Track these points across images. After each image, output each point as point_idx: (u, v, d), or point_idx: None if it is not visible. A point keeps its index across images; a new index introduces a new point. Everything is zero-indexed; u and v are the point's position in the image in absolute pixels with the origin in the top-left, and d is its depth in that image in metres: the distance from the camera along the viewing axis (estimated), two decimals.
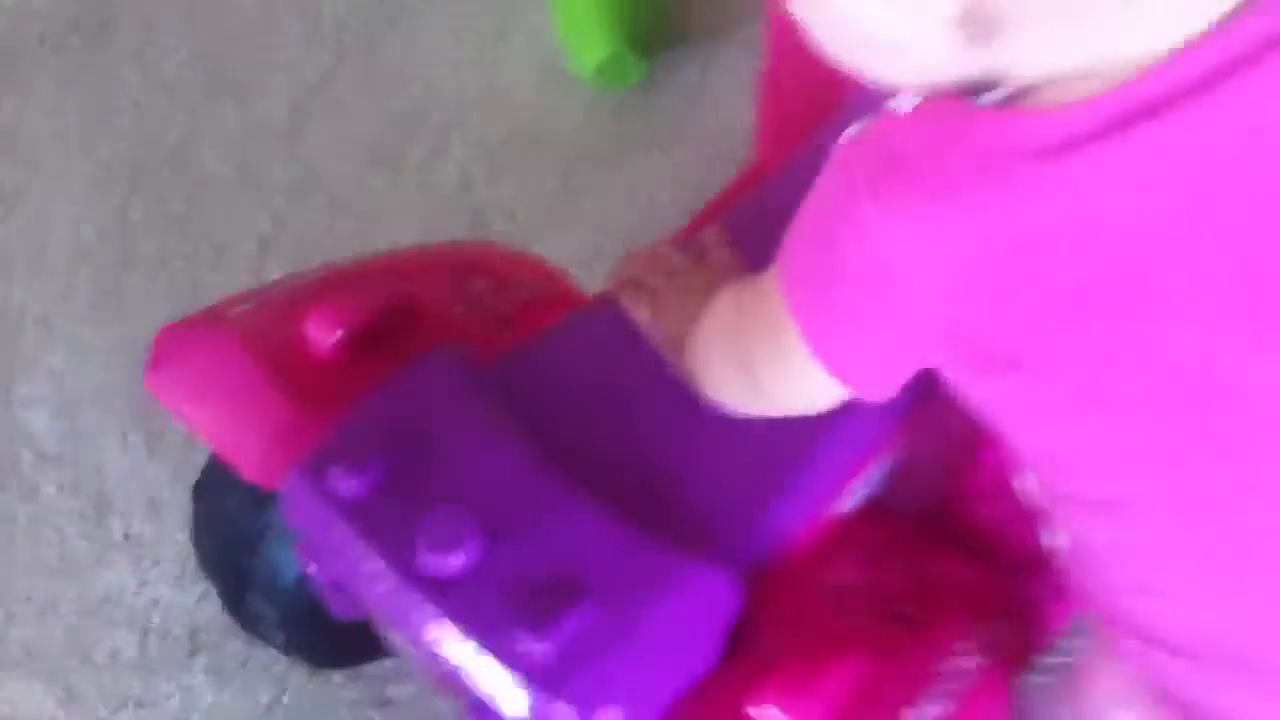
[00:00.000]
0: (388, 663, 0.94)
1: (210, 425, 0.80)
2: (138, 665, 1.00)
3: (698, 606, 0.70)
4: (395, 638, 0.76)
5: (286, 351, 0.78)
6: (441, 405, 0.74)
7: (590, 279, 0.95)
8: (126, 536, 1.05)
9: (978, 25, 0.55)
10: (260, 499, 0.82)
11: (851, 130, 0.62)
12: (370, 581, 0.73)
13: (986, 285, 0.59)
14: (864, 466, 0.80)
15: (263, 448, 0.77)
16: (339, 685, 0.98)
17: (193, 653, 1.00)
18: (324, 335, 0.78)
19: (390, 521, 0.71)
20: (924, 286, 0.59)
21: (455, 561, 0.69)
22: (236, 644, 0.99)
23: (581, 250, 1.09)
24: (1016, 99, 0.58)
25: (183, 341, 0.81)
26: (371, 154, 1.23)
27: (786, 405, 0.70)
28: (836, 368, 0.64)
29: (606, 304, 0.81)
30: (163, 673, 1.00)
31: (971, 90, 0.58)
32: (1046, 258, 0.58)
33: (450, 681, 0.71)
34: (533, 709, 0.69)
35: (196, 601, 1.01)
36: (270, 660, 0.98)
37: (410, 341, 0.79)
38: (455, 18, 1.30)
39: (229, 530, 0.89)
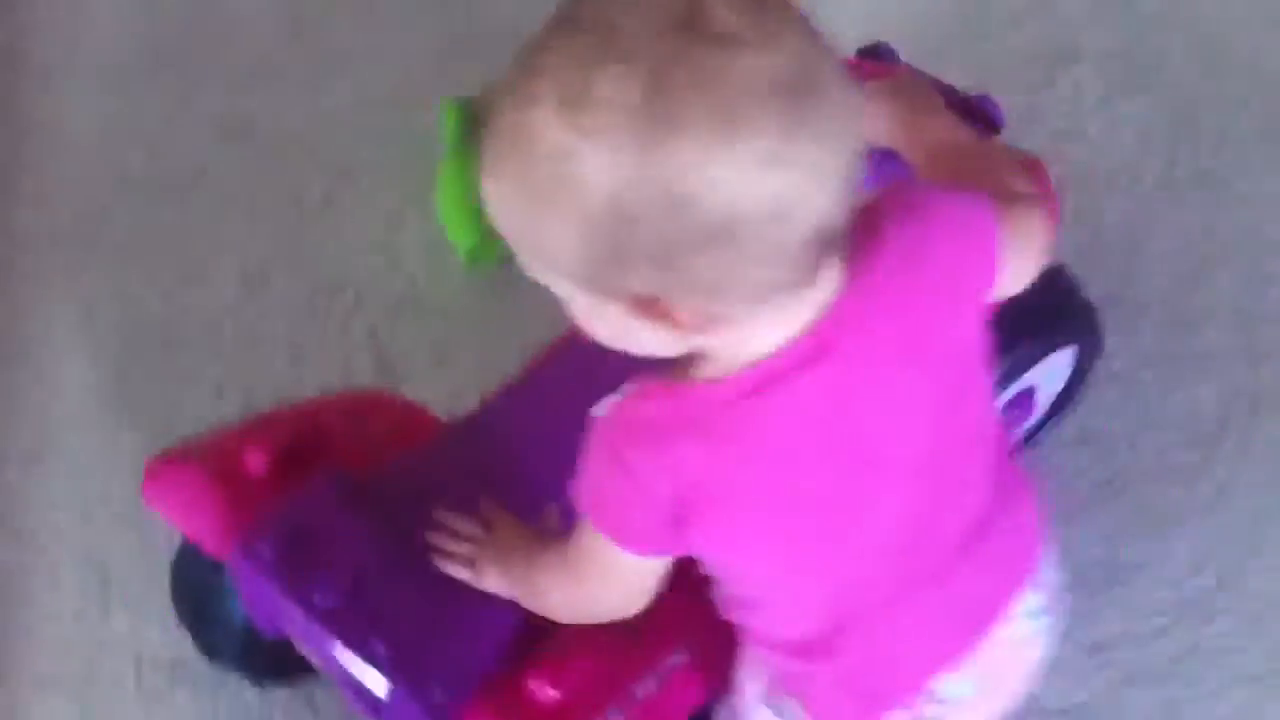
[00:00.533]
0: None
1: (183, 521, 1.21)
2: (135, 691, 1.40)
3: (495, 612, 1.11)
4: (307, 651, 1.17)
5: (230, 471, 1.19)
6: (323, 504, 1.16)
7: (460, 407, 1.31)
8: (124, 599, 1.44)
9: (661, 316, 0.84)
10: (215, 566, 1.22)
11: (603, 408, 0.92)
12: (285, 615, 1.14)
13: (706, 485, 0.90)
14: None
15: (215, 533, 1.18)
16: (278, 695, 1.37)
17: (173, 681, 1.39)
18: (253, 460, 1.19)
19: (294, 575, 1.13)
20: (666, 493, 0.90)
21: (332, 599, 1.11)
22: (206, 669, 1.37)
23: (456, 387, 1.45)
24: (710, 369, 0.89)
25: (163, 468, 1.23)
26: (305, 314, 1.61)
27: (610, 601, 1.02)
28: (629, 547, 0.95)
29: (440, 437, 1.23)
30: (153, 695, 1.39)
31: (686, 360, 0.90)
32: (731, 461, 0.90)
33: (336, 673, 1.12)
34: (388, 691, 1.11)
35: (177, 641, 1.37)
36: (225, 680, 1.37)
37: (313, 462, 1.20)
38: (365, 206, 1.68)
39: (196, 589, 1.29)
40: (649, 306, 0.84)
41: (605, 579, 1.00)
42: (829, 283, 0.88)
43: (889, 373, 0.92)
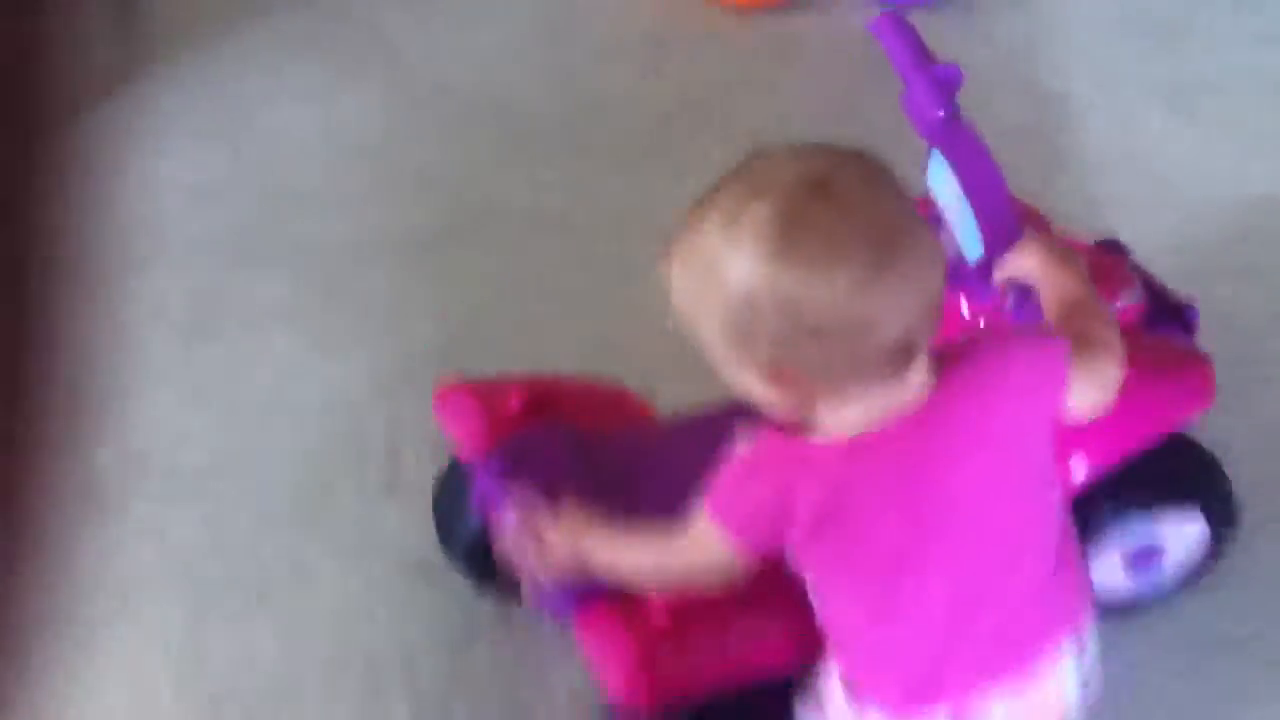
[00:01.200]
0: None
1: (451, 429, 1.64)
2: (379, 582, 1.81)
3: None
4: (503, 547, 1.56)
5: (495, 406, 1.62)
6: (548, 443, 1.58)
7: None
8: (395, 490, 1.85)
9: (779, 382, 1.13)
10: (466, 473, 1.63)
11: (738, 445, 1.21)
12: (496, 511, 1.54)
13: (807, 509, 1.19)
14: None
15: (470, 443, 1.61)
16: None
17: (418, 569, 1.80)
18: (514, 401, 1.61)
19: (507, 481, 1.53)
20: (771, 506, 1.20)
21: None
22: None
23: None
24: (817, 432, 1.18)
25: (450, 389, 1.67)
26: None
27: (690, 573, 1.29)
28: (730, 533, 1.23)
29: (651, 429, 1.64)
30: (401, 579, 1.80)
31: (800, 423, 1.17)
32: (830, 501, 1.19)
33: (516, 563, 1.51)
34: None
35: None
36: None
37: (552, 415, 1.62)
38: None
39: (451, 490, 1.71)
40: (772, 374, 1.14)
41: (697, 555, 1.27)
42: (919, 379, 1.18)
43: (959, 453, 1.20)
